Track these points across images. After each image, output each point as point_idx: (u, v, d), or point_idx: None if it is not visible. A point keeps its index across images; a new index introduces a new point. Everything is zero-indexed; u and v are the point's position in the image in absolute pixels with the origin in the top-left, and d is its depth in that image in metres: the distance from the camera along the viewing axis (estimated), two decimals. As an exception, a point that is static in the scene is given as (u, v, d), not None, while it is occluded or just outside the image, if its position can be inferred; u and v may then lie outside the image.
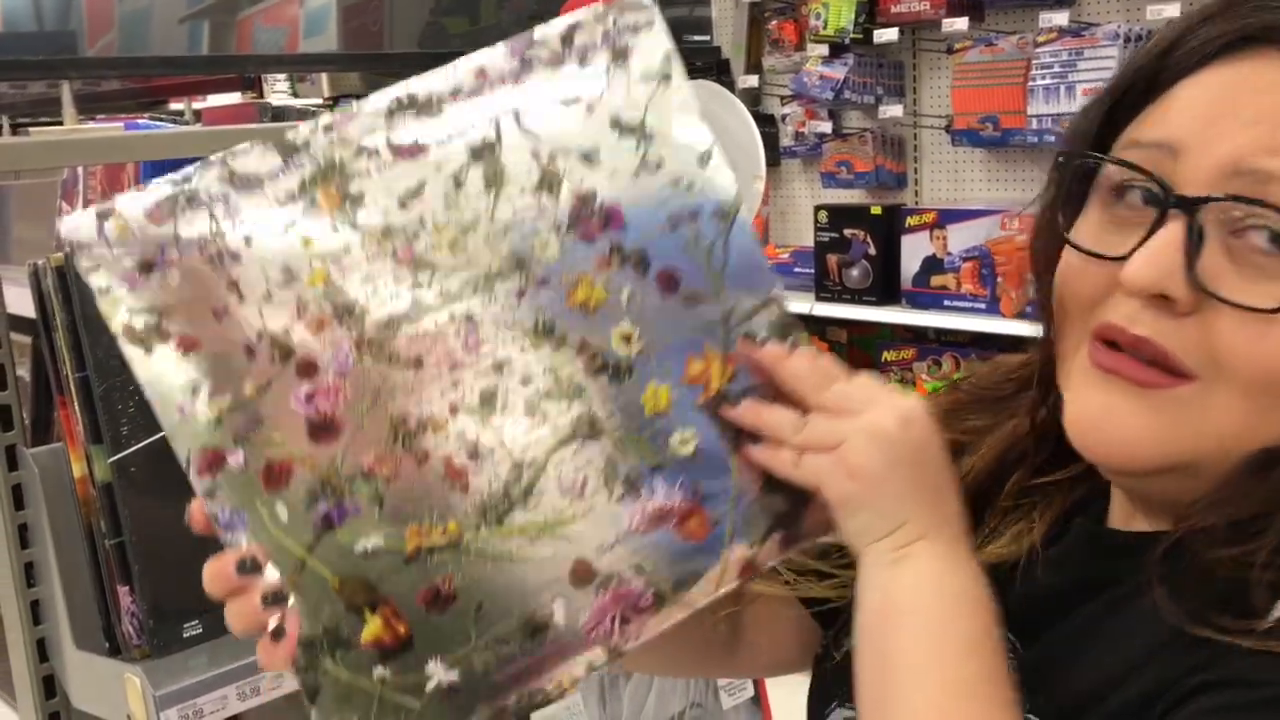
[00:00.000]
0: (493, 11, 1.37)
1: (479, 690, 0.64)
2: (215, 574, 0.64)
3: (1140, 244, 0.63)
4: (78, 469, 1.04)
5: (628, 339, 0.66)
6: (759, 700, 1.57)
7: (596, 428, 0.66)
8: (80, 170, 1.41)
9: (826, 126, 3.80)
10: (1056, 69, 3.15)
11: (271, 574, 0.63)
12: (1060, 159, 0.71)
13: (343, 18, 1.18)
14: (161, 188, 0.64)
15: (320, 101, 5.07)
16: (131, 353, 0.63)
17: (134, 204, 0.63)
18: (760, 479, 0.66)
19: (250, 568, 0.63)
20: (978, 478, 0.78)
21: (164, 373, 0.64)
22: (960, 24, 3.36)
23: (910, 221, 3.36)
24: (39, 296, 1.03)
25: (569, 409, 0.65)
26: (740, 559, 0.66)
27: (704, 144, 0.67)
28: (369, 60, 1.28)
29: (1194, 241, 0.62)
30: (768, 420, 0.65)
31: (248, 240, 0.64)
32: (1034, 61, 3.19)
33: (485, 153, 0.66)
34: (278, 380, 0.63)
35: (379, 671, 0.63)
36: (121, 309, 0.63)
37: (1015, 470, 0.78)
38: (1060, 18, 3.14)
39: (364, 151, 0.65)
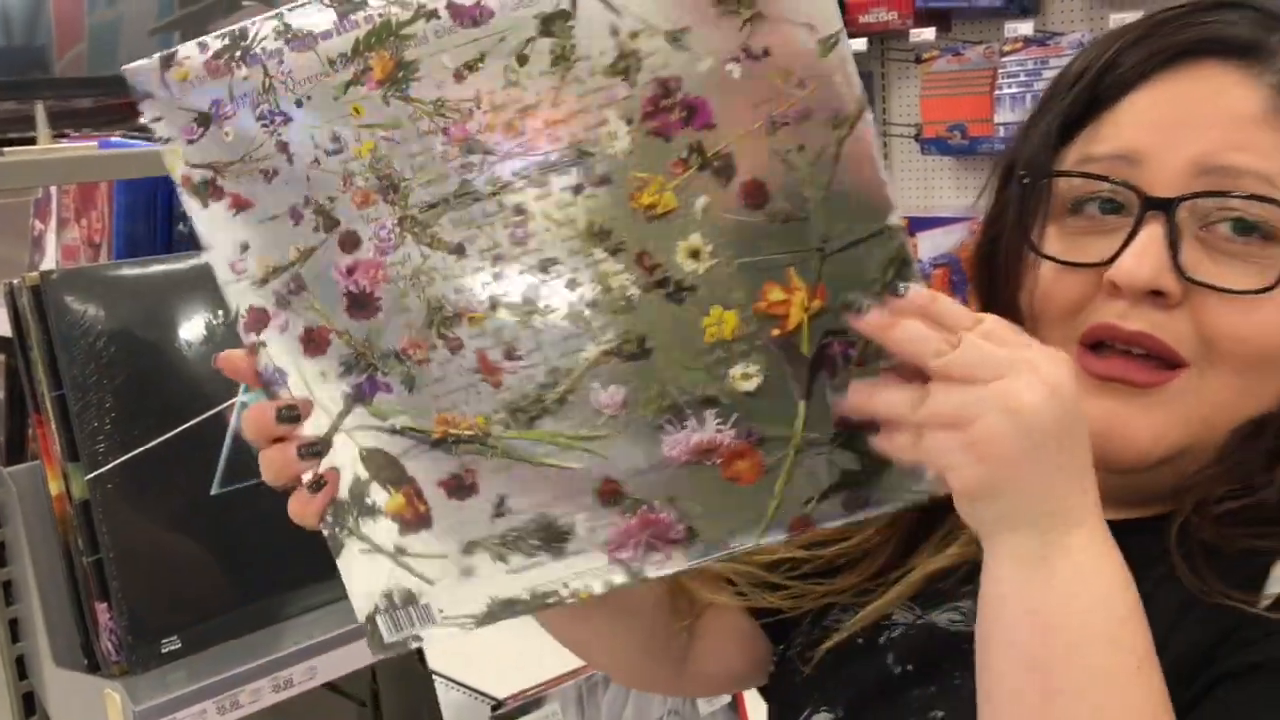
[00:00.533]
0: None
1: (494, 578, 0.65)
2: (255, 419, 0.66)
3: (1123, 247, 0.67)
4: (55, 487, 1.04)
5: (695, 254, 0.59)
6: (735, 706, 1.59)
7: (644, 347, 0.60)
8: (54, 187, 1.41)
9: (797, 136, 3.84)
10: (1022, 77, 3.21)
11: (309, 427, 0.65)
12: (1018, 176, 0.74)
13: None
14: (221, 39, 0.64)
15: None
16: (190, 205, 0.66)
17: (196, 53, 0.64)
18: (833, 429, 0.59)
19: (288, 416, 0.65)
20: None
21: (217, 229, 0.66)
22: (928, 34, 3.41)
23: (881, 229, 3.40)
24: (14, 315, 1.03)
25: (615, 322, 0.60)
26: (793, 514, 0.61)
27: (829, 27, 0.55)
28: None
29: (1175, 237, 0.66)
30: (880, 405, 0.57)
31: (299, 102, 0.63)
32: (1000, 70, 3.25)
33: (556, 23, 0.58)
34: (322, 249, 0.64)
35: (399, 541, 0.65)
36: (181, 162, 0.65)
37: None
38: (1025, 27, 3.20)
39: (422, 12, 0.59)
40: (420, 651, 1.52)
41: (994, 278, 0.77)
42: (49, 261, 1.60)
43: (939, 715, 0.71)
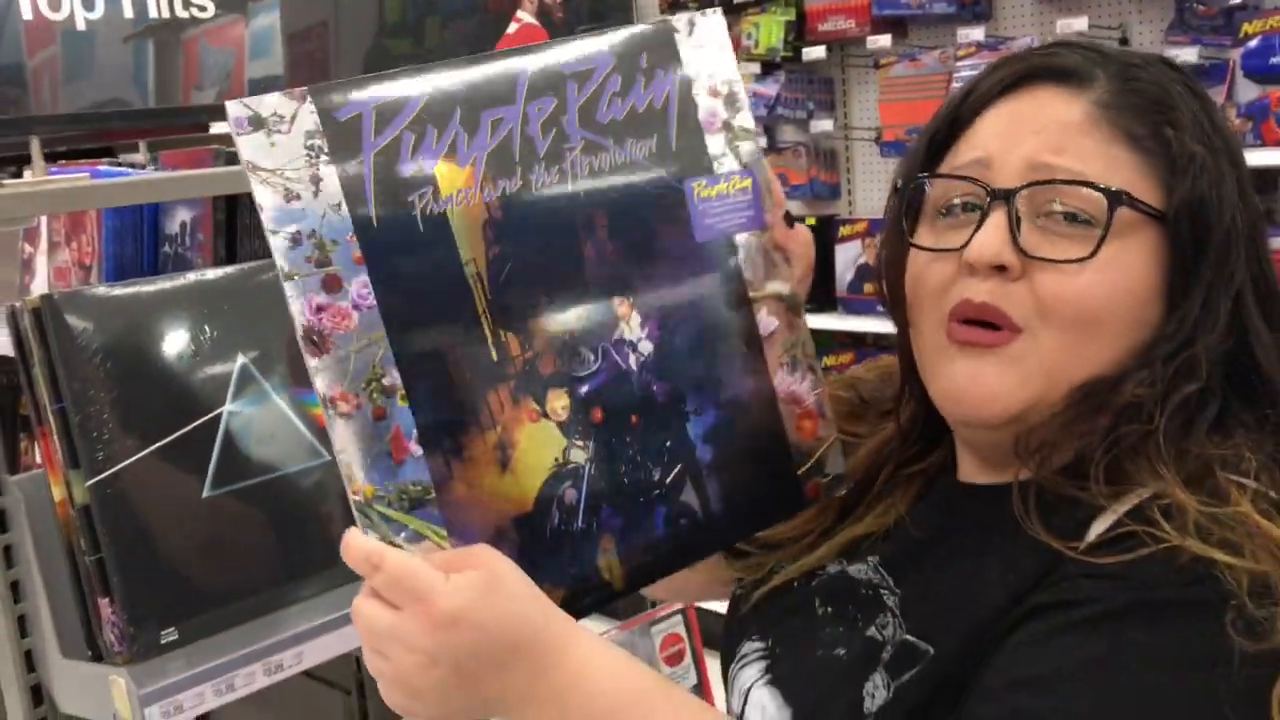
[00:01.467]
0: (436, 33, 1.45)
1: None
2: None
3: (975, 232, 0.81)
4: (57, 493, 1.13)
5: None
6: (702, 687, 1.68)
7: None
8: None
9: (762, 141, 3.93)
10: (976, 81, 3.31)
11: None
12: (898, 185, 0.88)
13: (289, 44, 1.26)
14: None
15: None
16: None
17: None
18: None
19: None
20: (854, 477, 0.93)
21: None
22: (884, 41, 3.51)
23: (843, 231, 3.50)
24: (17, 335, 1.12)
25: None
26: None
27: None
28: None
29: (1014, 222, 0.80)
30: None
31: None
32: (955, 75, 3.35)
33: None
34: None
35: None
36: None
37: (885, 466, 0.93)
38: (977, 33, 3.30)
39: None
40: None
41: (886, 274, 0.90)
42: (39, 282, 1.68)
43: (840, 653, 0.84)
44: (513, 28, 1.55)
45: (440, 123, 0.78)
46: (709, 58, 0.88)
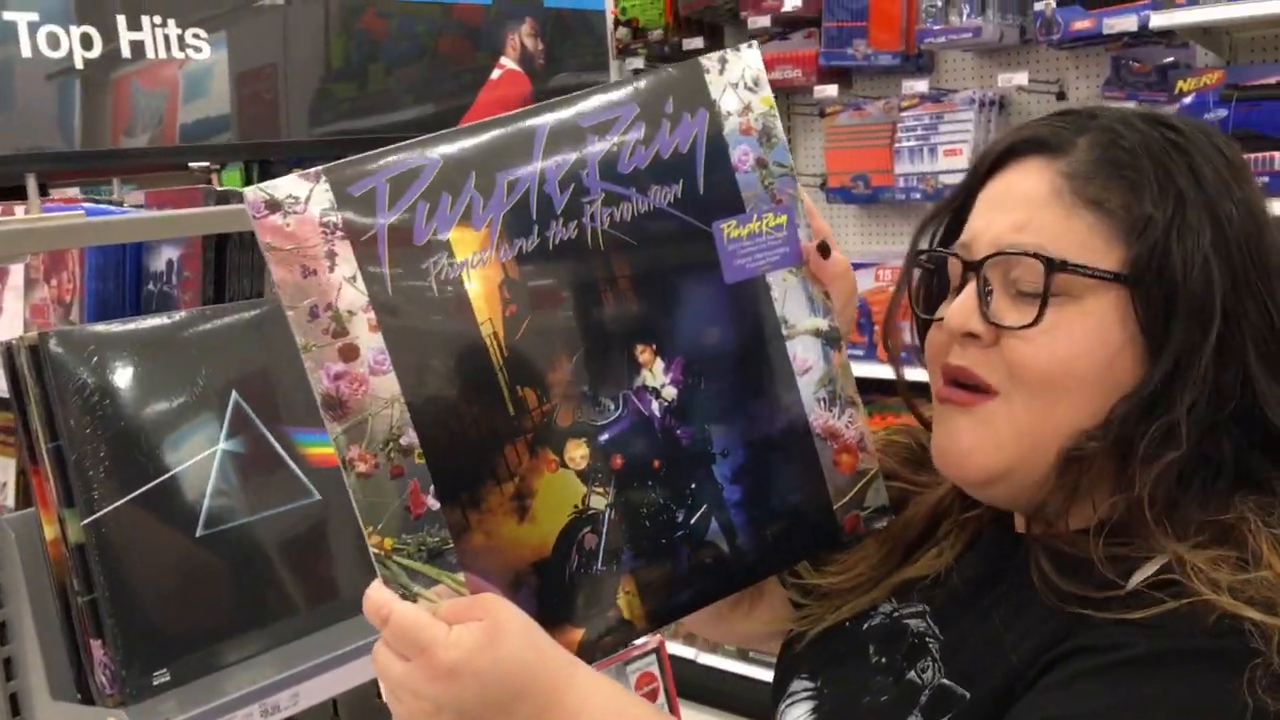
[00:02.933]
0: (381, 78, 1.47)
1: None
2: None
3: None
4: (50, 532, 1.11)
5: None
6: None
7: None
8: (20, 250, 1.48)
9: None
10: (920, 131, 3.41)
11: None
12: (913, 264, 0.94)
13: (237, 83, 1.26)
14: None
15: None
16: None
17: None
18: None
19: None
20: (911, 526, 0.97)
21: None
22: (830, 90, 3.60)
23: (791, 275, 3.56)
24: (11, 372, 1.11)
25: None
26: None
27: None
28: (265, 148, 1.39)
29: (983, 293, 0.85)
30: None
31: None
32: (899, 125, 3.44)
33: None
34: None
35: None
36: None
37: (948, 515, 0.96)
38: (921, 85, 3.40)
39: None
40: (377, 685, 1.60)
41: (919, 342, 0.96)
42: (5, 320, 1.66)
43: (884, 700, 0.86)
44: (496, 73, 1.58)
45: (455, 189, 0.80)
46: (742, 94, 0.88)
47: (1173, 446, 0.78)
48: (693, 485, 0.86)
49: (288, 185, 0.76)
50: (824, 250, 0.90)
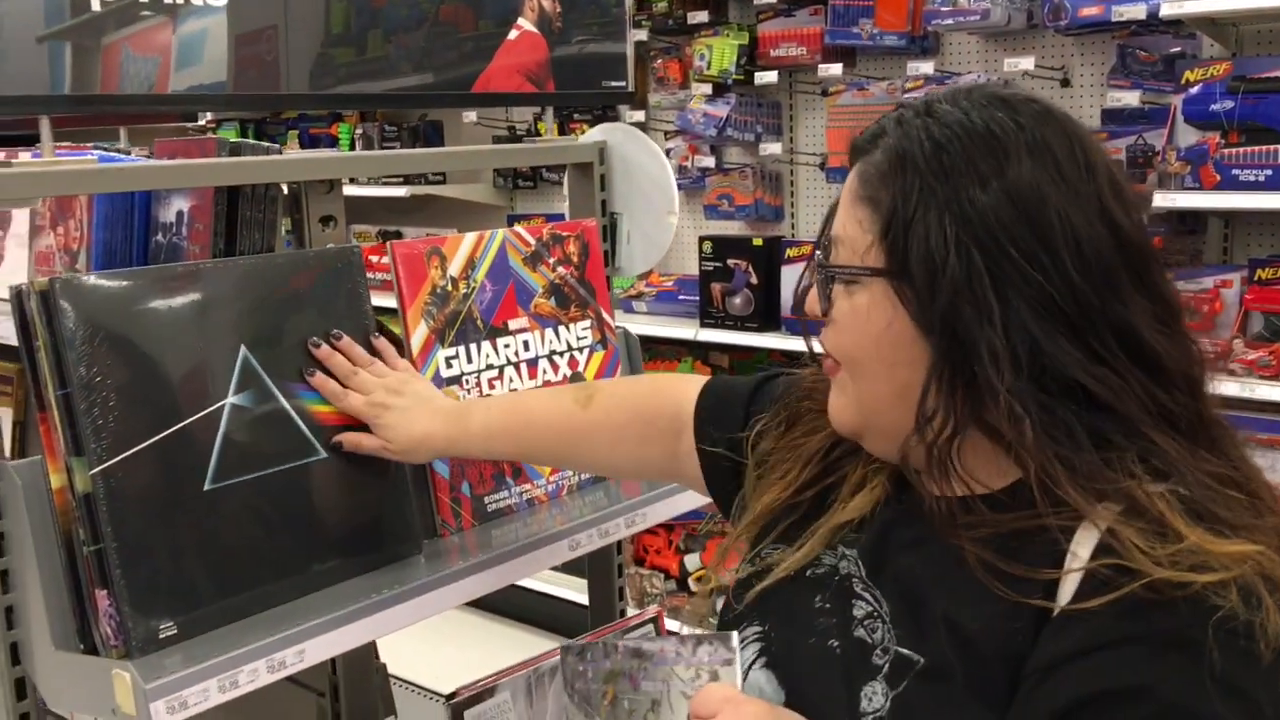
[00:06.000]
0: (379, 45, 1.45)
1: None
2: None
3: None
4: (56, 480, 1.10)
5: None
6: (670, 697, 1.69)
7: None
8: (24, 196, 1.45)
9: (709, 161, 3.99)
10: (923, 113, 3.39)
11: None
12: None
13: (235, 45, 1.24)
14: None
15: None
16: None
17: None
18: None
19: None
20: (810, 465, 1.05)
21: None
22: (834, 69, 3.58)
23: (790, 253, 3.55)
24: (21, 318, 1.09)
25: None
26: None
27: None
28: (263, 100, 1.37)
29: (820, 283, 0.94)
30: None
31: None
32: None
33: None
34: None
35: None
36: None
37: (852, 455, 1.03)
38: (926, 66, 3.39)
39: None
40: (374, 645, 1.60)
41: None
42: (11, 266, 1.64)
43: (834, 645, 0.92)
44: (513, 34, 1.56)
45: None
46: None
47: (1008, 408, 0.83)
48: None
49: None
50: None
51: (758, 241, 3.64)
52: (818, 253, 0.95)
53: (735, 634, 0.93)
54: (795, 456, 1.05)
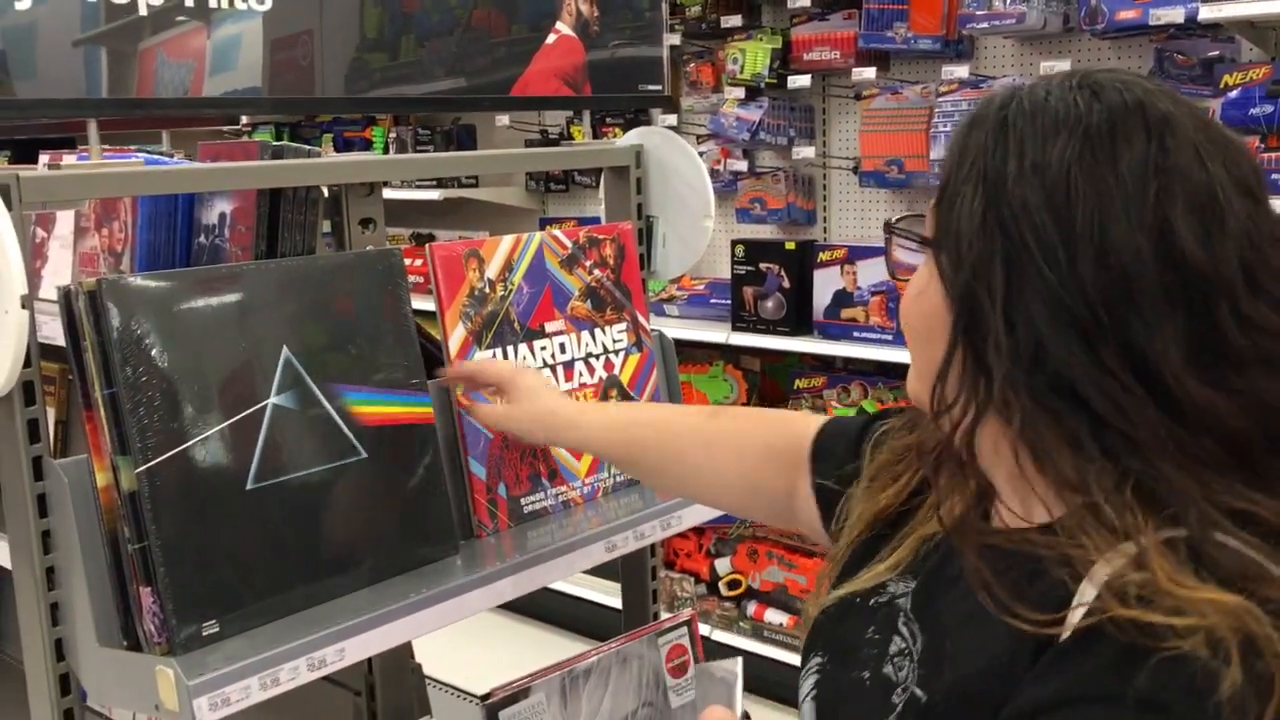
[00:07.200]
0: (412, 50, 1.47)
1: None
2: None
3: None
4: (102, 479, 1.12)
5: None
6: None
7: None
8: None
9: (742, 165, 3.98)
10: (957, 117, 3.38)
11: None
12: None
13: (271, 49, 1.25)
14: None
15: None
16: None
17: None
18: None
19: None
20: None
21: None
22: (868, 73, 3.57)
23: (822, 257, 3.55)
24: (69, 318, 1.11)
25: None
26: None
27: None
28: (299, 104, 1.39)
29: (887, 243, 0.93)
30: None
31: None
32: (936, 110, 3.41)
33: None
34: None
35: None
36: None
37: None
38: (961, 70, 3.37)
39: None
40: (410, 645, 1.61)
41: None
42: (51, 268, 1.66)
43: (865, 676, 0.89)
44: (551, 38, 1.57)
45: None
46: None
47: (1010, 403, 0.78)
48: None
49: None
50: None
51: (790, 245, 3.63)
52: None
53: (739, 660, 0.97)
54: (897, 459, 1.00)
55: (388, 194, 4.70)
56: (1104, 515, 0.76)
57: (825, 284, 3.54)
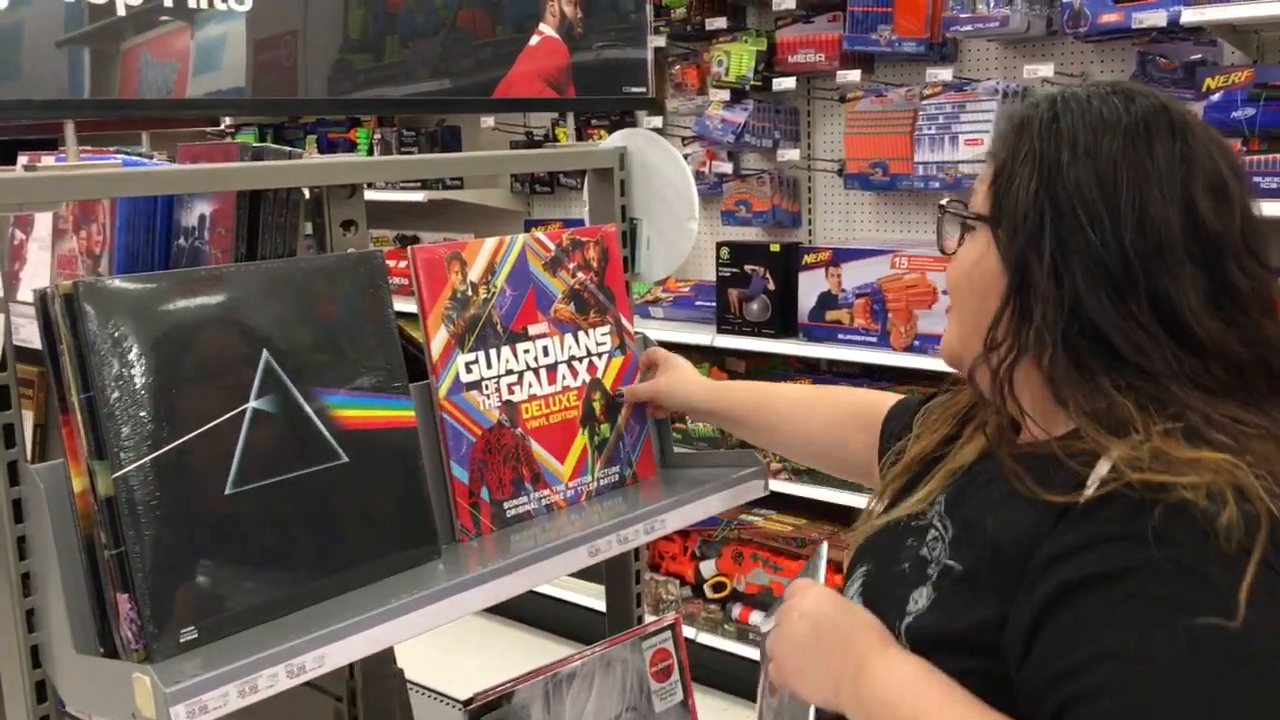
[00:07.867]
0: (396, 51, 1.46)
1: None
2: None
3: None
4: (78, 484, 1.10)
5: None
6: (687, 704, 1.69)
7: None
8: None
9: (727, 167, 3.98)
10: (941, 120, 3.39)
11: None
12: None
13: (255, 50, 1.24)
14: None
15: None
16: None
17: None
18: None
19: None
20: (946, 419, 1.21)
21: None
22: (853, 76, 3.57)
23: (807, 259, 3.55)
24: (45, 321, 1.09)
25: None
26: None
27: None
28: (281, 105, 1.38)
29: (941, 223, 1.10)
30: None
31: None
32: (920, 112, 3.42)
33: None
34: None
35: None
36: None
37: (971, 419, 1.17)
38: (945, 73, 3.38)
39: None
40: (392, 650, 1.60)
41: None
42: (29, 270, 1.64)
43: (905, 566, 1.06)
44: (535, 40, 1.56)
45: None
46: None
47: (1044, 345, 0.97)
48: None
49: None
50: None
51: (775, 248, 3.63)
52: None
53: (825, 544, 1.17)
54: (942, 415, 1.21)
55: (372, 195, 4.68)
56: (1115, 415, 0.93)
57: (810, 286, 3.54)
